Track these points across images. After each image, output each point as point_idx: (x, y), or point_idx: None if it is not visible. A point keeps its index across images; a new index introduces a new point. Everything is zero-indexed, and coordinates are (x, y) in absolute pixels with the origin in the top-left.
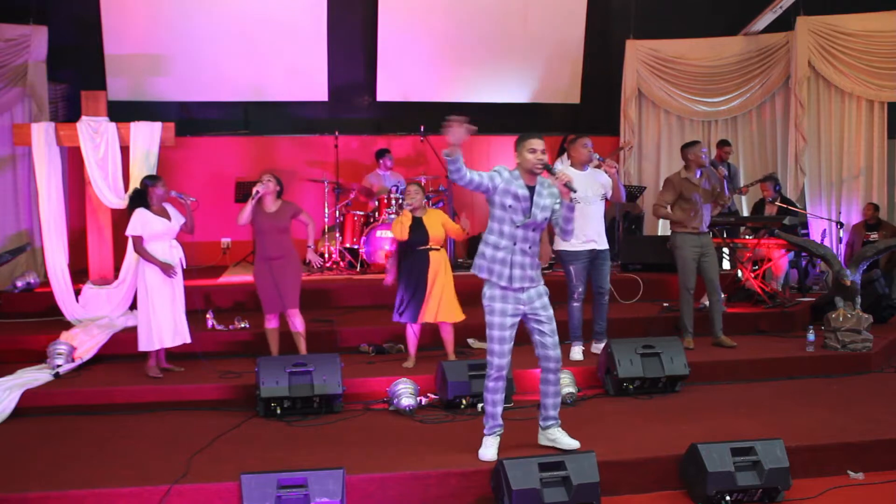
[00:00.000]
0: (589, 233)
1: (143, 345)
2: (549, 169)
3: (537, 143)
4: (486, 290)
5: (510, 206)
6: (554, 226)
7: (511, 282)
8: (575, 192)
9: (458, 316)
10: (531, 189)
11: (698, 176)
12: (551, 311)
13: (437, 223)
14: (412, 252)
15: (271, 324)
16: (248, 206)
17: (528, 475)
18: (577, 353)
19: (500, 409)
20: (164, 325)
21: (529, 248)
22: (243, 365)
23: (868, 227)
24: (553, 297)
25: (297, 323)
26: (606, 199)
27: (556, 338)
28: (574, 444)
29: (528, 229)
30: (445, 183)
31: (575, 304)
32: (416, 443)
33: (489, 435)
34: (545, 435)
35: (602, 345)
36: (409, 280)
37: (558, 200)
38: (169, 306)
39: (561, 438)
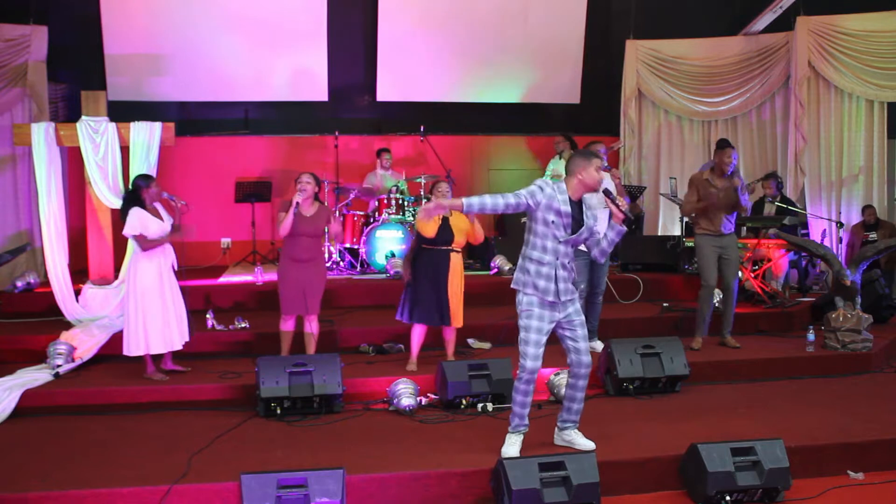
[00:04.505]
0: None
1: (128, 349)
2: (608, 193)
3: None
4: (524, 297)
5: (553, 222)
6: (590, 247)
7: (558, 296)
8: (632, 218)
9: (461, 321)
10: (575, 204)
11: (725, 176)
12: (583, 317)
13: (463, 227)
14: (433, 251)
15: (287, 325)
16: (290, 217)
17: (528, 475)
18: None
19: (528, 410)
20: (153, 330)
21: (569, 262)
22: (243, 365)
23: (867, 227)
24: None
25: (315, 326)
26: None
27: (588, 343)
28: (590, 444)
29: (568, 245)
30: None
31: None
32: (416, 443)
33: (514, 433)
34: (561, 435)
35: (591, 343)
36: (426, 280)
37: (596, 222)
38: (160, 311)
39: (577, 439)
